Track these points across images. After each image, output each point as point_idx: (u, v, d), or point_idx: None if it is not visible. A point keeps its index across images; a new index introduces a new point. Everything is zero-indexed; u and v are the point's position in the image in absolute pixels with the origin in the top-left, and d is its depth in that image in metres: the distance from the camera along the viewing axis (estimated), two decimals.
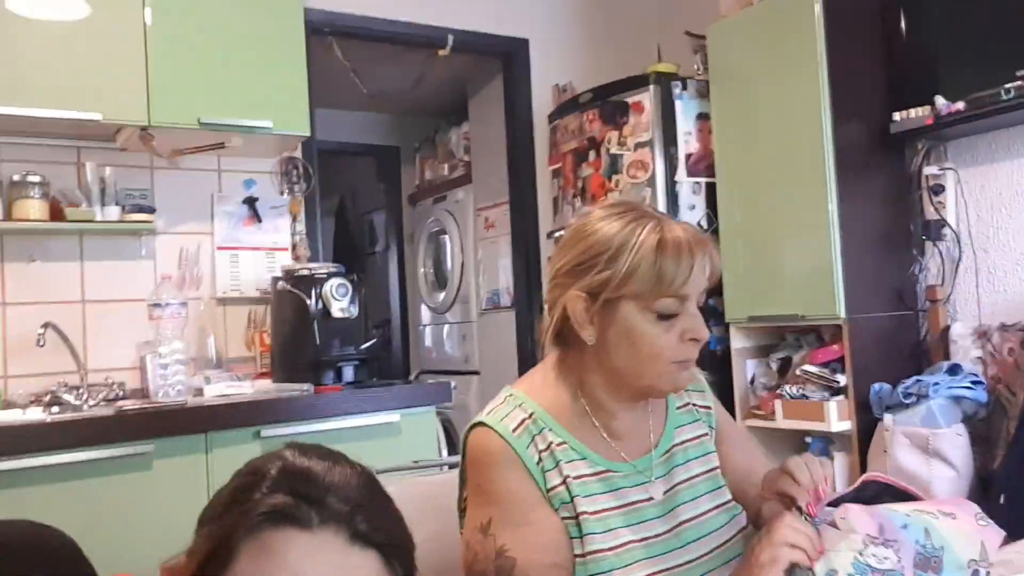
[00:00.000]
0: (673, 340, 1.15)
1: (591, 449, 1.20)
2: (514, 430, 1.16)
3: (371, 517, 0.76)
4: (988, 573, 1.04)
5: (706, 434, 1.32)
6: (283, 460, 0.78)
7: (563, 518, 1.15)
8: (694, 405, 1.34)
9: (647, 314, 1.14)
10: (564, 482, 1.16)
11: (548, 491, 1.15)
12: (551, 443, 1.17)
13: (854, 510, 1.06)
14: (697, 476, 1.26)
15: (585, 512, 1.15)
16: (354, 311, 2.85)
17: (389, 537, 0.77)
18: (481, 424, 1.18)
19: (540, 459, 1.16)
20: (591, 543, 1.14)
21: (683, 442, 1.28)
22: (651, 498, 1.21)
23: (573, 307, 1.17)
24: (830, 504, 1.09)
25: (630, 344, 1.15)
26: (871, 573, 1.02)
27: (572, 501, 1.15)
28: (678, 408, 1.32)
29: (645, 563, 1.16)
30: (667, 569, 1.17)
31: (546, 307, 1.24)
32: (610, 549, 1.14)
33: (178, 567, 0.76)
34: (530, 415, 1.18)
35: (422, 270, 5.30)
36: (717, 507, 1.25)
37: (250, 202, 3.20)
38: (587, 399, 1.22)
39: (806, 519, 1.07)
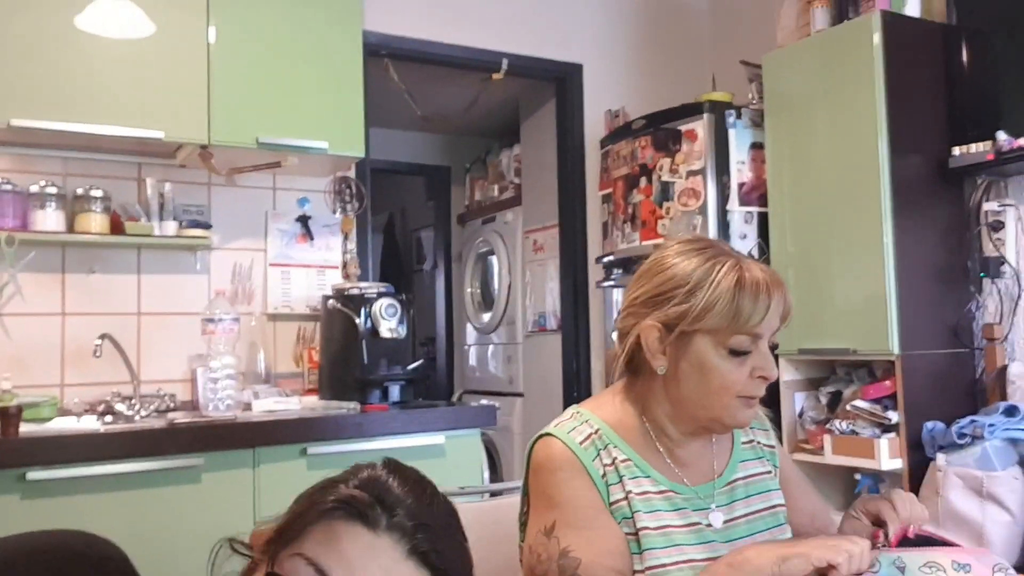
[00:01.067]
0: (743, 376, 1.18)
1: (655, 469, 1.23)
2: (581, 442, 1.20)
3: (433, 540, 0.79)
4: None
5: (769, 472, 1.34)
6: (374, 468, 0.84)
7: (624, 532, 1.17)
8: (758, 443, 1.36)
9: (720, 349, 1.18)
10: (627, 497, 1.18)
11: (611, 503, 1.18)
12: (616, 458, 1.21)
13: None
14: (757, 512, 1.28)
15: (647, 528, 1.17)
16: (402, 331, 2.88)
17: (445, 563, 0.80)
18: (548, 435, 1.22)
19: (604, 472, 1.19)
20: (651, 558, 1.16)
21: (746, 477, 1.30)
22: (711, 525, 1.23)
23: (647, 336, 1.21)
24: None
25: (701, 377, 1.19)
26: None
27: (633, 516, 1.18)
28: (743, 443, 1.34)
29: None
30: None
31: (617, 334, 1.28)
32: (673, 564, 1.16)
33: (263, 532, 0.81)
34: (596, 431, 1.22)
35: (469, 290, 5.33)
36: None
37: (303, 220, 3.25)
38: (651, 424, 1.25)
39: (882, 545, 1.10)
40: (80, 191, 2.77)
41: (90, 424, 2.57)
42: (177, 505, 2.30)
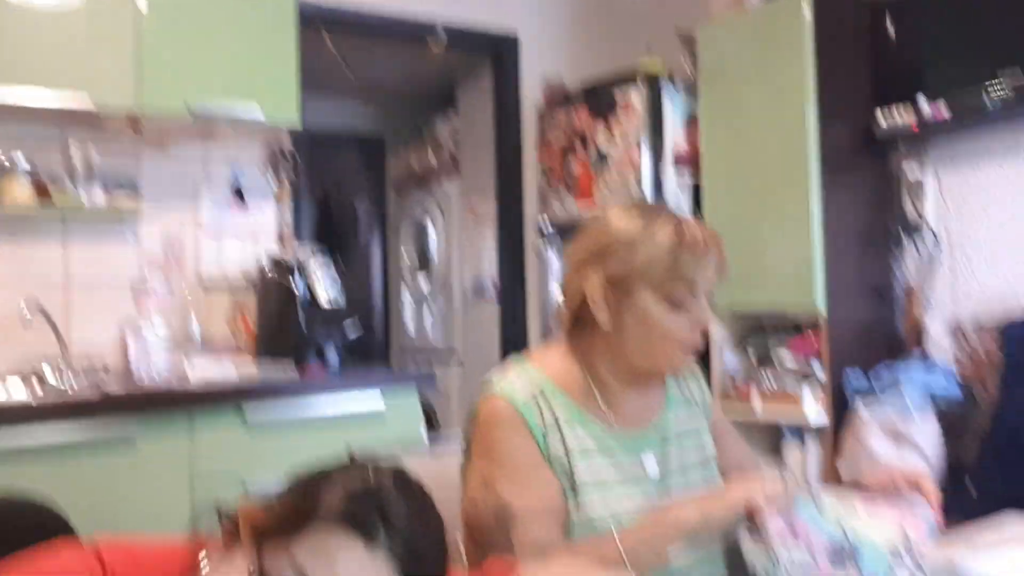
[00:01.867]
0: (683, 326, 1.24)
1: (593, 421, 1.28)
2: (522, 397, 1.24)
3: (423, 571, 0.80)
4: (912, 555, 1.09)
5: (701, 424, 1.40)
6: (386, 478, 0.81)
7: (562, 482, 1.22)
8: (691, 395, 1.42)
9: (661, 301, 1.23)
10: (565, 448, 1.23)
11: (549, 455, 1.23)
12: (556, 411, 1.25)
13: (771, 514, 1.12)
14: (690, 461, 1.35)
15: (583, 477, 1.22)
16: (338, 297, 2.88)
17: None
18: (493, 392, 1.27)
19: (544, 425, 1.24)
20: (586, 505, 1.21)
21: (678, 425, 1.36)
22: (644, 468, 1.29)
23: (591, 291, 1.25)
24: None
25: (644, 328, 1.24)
26: (786, 571, 1.09)
27: (571, 466, 1.23)
28: (676, 395, 1.40)
29: None
30: None
31: (562, 292, 1.33)
32: (605, 511, 1.21)
33: (254, 510, 0.79)
34: (538, 384, 1.27)
35: (406, 258, 5.32)
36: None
37: (236, 188, 3.21)
38: (593, 378, 1.30)
39: None
40: (4, 159, 2.68)
41: (19, 394, 2.52)
42: (113, 473, 2.28)
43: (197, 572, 0.81)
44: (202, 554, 0.81)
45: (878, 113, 2.90)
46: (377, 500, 0.78)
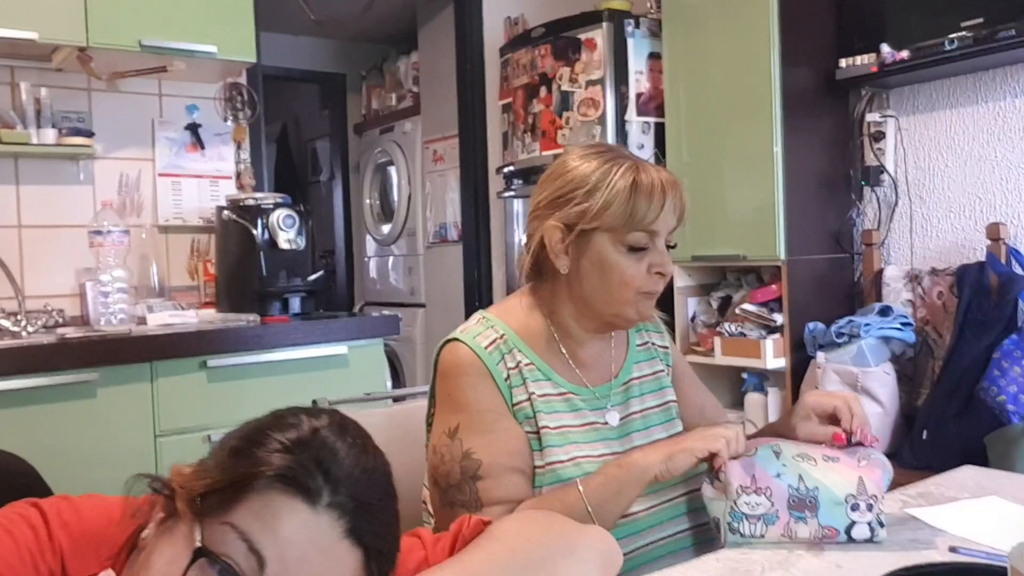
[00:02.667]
0: (641, 272, 1.24)
1: (556, 372, 1.29)
2: (486, 347, 1.24)
3: (371, 519, 0.78)
4: (870, 506, 1.12)
5: (662, 371, 1.41)
6: (322, 428, 0.79)
7: (526, 432, 1.23)
8: (653, 344, 1.43)
9: (619, 246, 1.23)
10: (529, 399, 1.24)
11: (513, 405, 1.24)
12: (520, 362, 1.26)
13: (732, 464, 1.16)
14: (651, 408, 1.36)
15: (547, 427, 1.23)
16: (301, 242, 2.84)
17: (378, 543, 0.79)
18: (454, 340, 1.26)
19: (508, 375, 1.24)
20: (550, 455, 1.22)
21: (640, 376, 1.37)
22: (607, 422, 1.30)
23: (550, 237, 1.25)
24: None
25: (602, 273, 1.24)
26: (746, 520, 1.14)
27: (535, 416, 1.23)
28: (638, 346, 1.41)
29: None
30: None
31: (524, 238, 1.32)
32: (569, 460, 1.22)
33: (187, 475, 0.76)
34: (501, 336, 1.27)
35: (368, 201, 5.26)
36: (667, 437, 1.33)
37: (193, 128, 3.13)
38: (556, 327, 1.30)
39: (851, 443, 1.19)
40: None
41: None
42: (73, 421, 2.25)
43: (137, 547, 0.79)
44: (144, 533, 0.78)
45: (841, 61, 2.90)
46: (315, 453, 0.76)
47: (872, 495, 1.13)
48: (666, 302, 3.16)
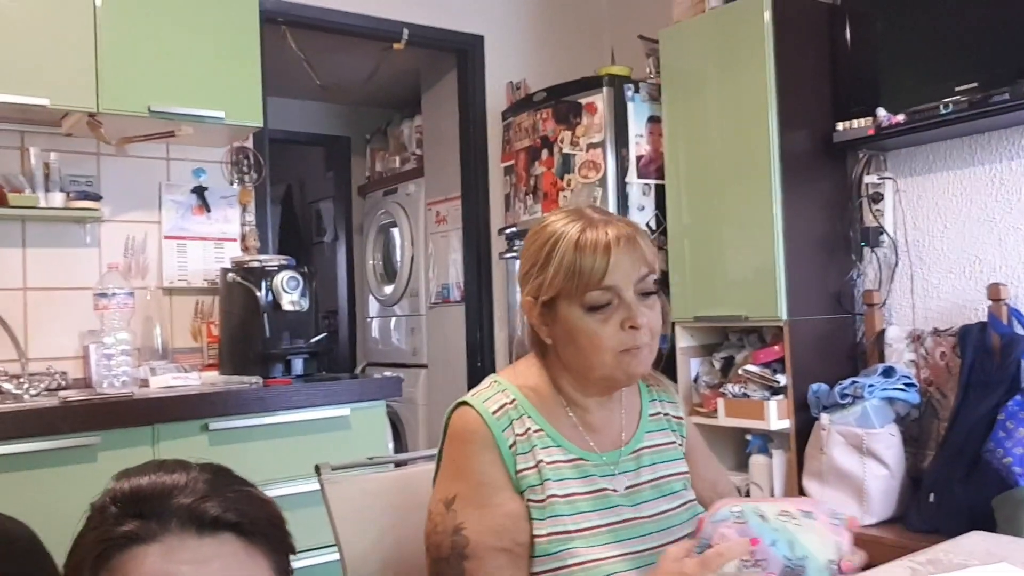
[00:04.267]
0: (611, 330, 1.22)
1: (566, 438, 1.28)
2: (494, 412, 1.24)
3: (219, 502, 0.76)
4: (840, 568, 1.11)
5: (673, 442, 1.40)
6: (110, 491, 0.79)
7: (530, 500, 1.22)
8: (667, 415, 1.42)
9: (579, 309, 1.22)
10: (537, 466, 1.23)
11: (517, 473, 1.22)
12: (528, 428, 1.25)
13: (730, 534, 1.12)
14: (661, 478, 1.34)
15: (555, 495, 1.22)
16: (304, 304, 2.85)
17: (243, 515, 0.77)
18: (464, 404, 1.26)
19: (515, 442, 1.23)
20: (559, 524, 1.21)
21: (651, 446, 1.36)
22: (616, 490, 1.28)
23: (527, 311, 1.29)
24: None
25: (573, 340, 1.24)
26: None
27: (543, 484, 1.22)
28: (651, 416, 1.39)
29: (610, 546, 1.23)
30: (631, 553, 1.24)
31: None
32: (577, 531, 1.21)
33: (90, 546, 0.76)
34: (512, 401, 1.26)
35: (371, 262, 5.29)
36: (679, 506, 1.33)
37: (199, 191, 3.17)
38: (562, 394, 1.31)
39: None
40: None
41: None
42: (74, 485, 2.23)
43: None
44: None
45: (838, 124, 2.94)
46: (117, 511, 0.76)
47: (840, 559, 1.12)
48: (669, 363, 3.17)
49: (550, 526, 1.21)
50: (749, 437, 3.06)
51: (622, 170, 3.29)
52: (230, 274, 2.88)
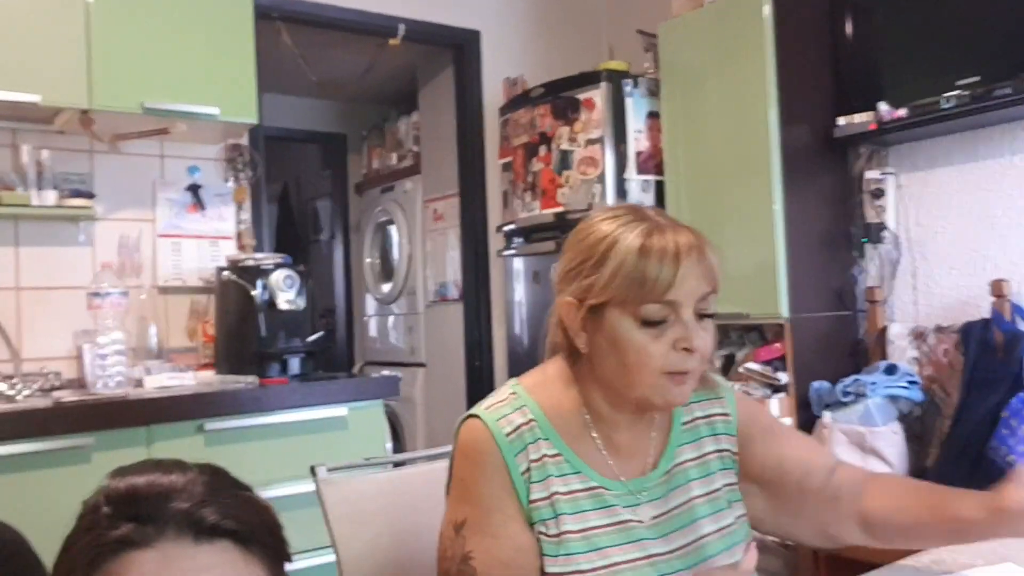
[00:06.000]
0: (662, 349, 1.10)
1: (587, 464, 1.17)
2: (508, 434, 1.14)
3: (218, 508, 0.74)
4: None
5: (711, 453, 1.25)
6: (105, 490, 0.76)
7: (541, 533, 1.13)
8: (705, 417, 1.27)
9: (632, 320, 1.10)
10: (550, 498, 1.14)
11: (530, 503, 1.13)
12: (544, 455, 1.15)
13: None
14: (697, 498, 1.21)
15: (569, 531, 1.13)
16: (301, 303, 2.82)
17: (242, 523, 0.75)
18: (478, 417, 1.16)
19: (528, 468, 1.14)
20: (572, 563, 1.12)
21: (684, 462, 1.23)
22: (641, 520, 1.17)
23: (565, 313, 1.16)
24: None
25: (617, 352, 1.12)
26: None
27: (556, 518, 1.13)
28: (683, 425, 1.26)
29: None
30: None
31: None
32: (591, 570, 1.12)
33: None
34: (528, 421, 1.16)
35: (368, 260, 5.26)
36: (716, 531, 1.21)
37: (194, 189, 3.14)
38: (589, 409, 1.19)
39: None
40: None
41: None
42: (66, 487, 2.20)
43: None
44: None
45: (839, 119, 2.92)
46: (112, 513, 0.74)
47: None
48: None
49: (562, 565, 1.12)
50: None
51: (621, 166, 3.26)
52: (225, 273, 2.85)
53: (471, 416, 1.18)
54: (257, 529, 0.77)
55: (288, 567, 0.81)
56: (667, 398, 1.13)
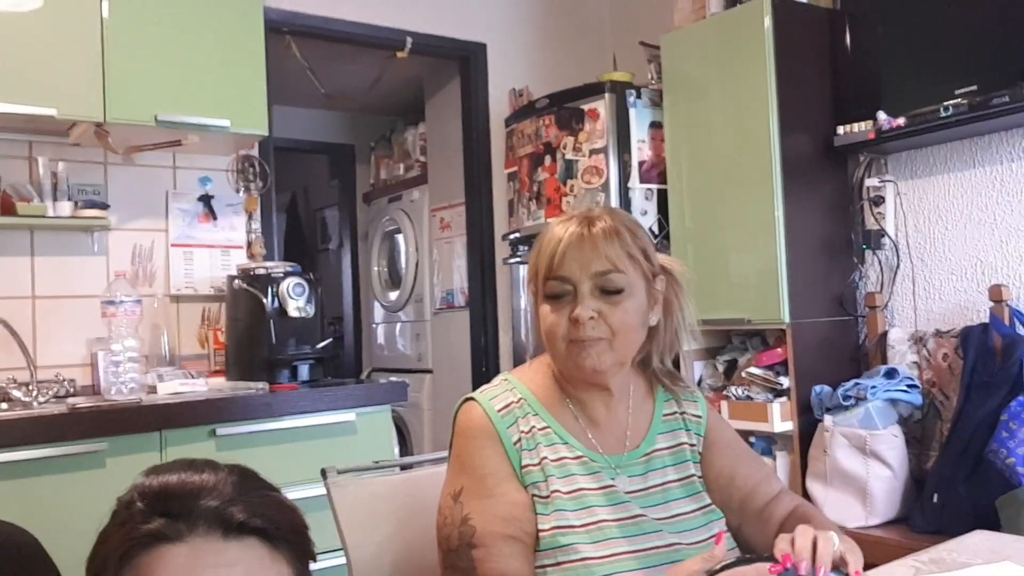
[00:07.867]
0: (562, 320, 1.25)
1: (572, 435, 1.30)
2: (499, 410, 1.28)
3: (246, 506, 0.77)
4: None
5: (685, 443, 1.36)
6: (139, 486, 0.79)
7: (535, 495, 1.24)
8: (682, 414, 1.40)
9: (543, 298, 1.28)
10: (540, 463, 1.26)
11: (522, 468, 1.26)
12: (534, 427, 1.28)
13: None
14: (672, 482, 1.33)
15: (559, 491, 1.24)
16: (310, 310, 2.87)
17: (269, 521, 0.78)
18: (472, 399, 1.30)
19: (519, 439, 1.27)
20: (562, 518, 1.22)
21: (661, 449, 1.35)
22: (622, 492, 1.28)
23: (530, 305, 1.36)
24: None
25: (539, 327, 1.29)
26: None
27: (546, 480, 1.25)
28: (665, 416, 1.39)
29: (617, 542, 1.23)
30: (640, 551, 1.23)
31: None
32: (581, 526, 1.22)
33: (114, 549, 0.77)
34: (519, 399, 1.30)
35: (376, 268, 5.31)
36: (694, 510, 1.31)
37: (205, 199, 3.19)
38: (560, 387, 1.34)
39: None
40: None
41: None
42: (81, 492, 2.25)
43: None
44: None
45: (839, 128, 2.96)
46: (146, 507, 0.76)
47: None
48: (673, 366, 3.17)
49: (554, 520, 1.22)
50: (753, 439, 3.06)
51: (625, 175, 3.30)
52: (236, 281, 2.90)
53: (467, 400, 1.31)
54: (284, 528, 0.80)
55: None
56: (577, 363, 1.25)
